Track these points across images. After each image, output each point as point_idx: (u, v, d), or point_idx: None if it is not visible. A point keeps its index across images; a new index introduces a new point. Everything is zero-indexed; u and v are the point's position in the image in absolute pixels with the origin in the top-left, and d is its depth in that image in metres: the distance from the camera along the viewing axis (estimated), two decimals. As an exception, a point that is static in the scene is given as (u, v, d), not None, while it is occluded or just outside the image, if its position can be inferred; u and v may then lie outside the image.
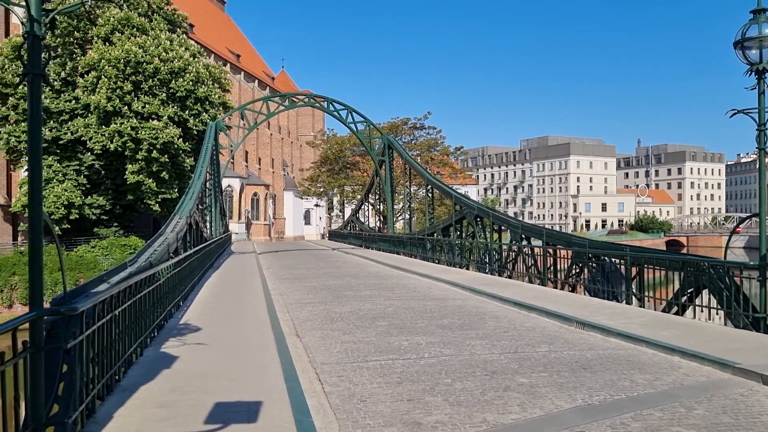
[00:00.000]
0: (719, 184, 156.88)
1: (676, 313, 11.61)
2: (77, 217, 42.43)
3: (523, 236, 18.94)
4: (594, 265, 14.28)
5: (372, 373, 7.42)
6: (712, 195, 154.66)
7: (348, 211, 69.60)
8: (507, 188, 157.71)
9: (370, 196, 47.66)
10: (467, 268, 22.76)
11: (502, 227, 21.22)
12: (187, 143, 43.62)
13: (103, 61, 40.70)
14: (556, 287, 16.24)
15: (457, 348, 8.84)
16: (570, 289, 15.53)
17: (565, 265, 15.97)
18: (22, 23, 4.56)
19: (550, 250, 16.53)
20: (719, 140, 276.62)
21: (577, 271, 15.23)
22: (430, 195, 32.74)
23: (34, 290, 4.53)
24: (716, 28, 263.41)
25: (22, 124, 41.25)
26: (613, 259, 13.78)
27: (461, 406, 6.11)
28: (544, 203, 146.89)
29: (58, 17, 41.39)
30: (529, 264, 17.80)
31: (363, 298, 14.67)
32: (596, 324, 10.22)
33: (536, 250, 17.56)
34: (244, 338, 9.46)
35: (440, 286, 17.58)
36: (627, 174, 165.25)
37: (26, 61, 4.49)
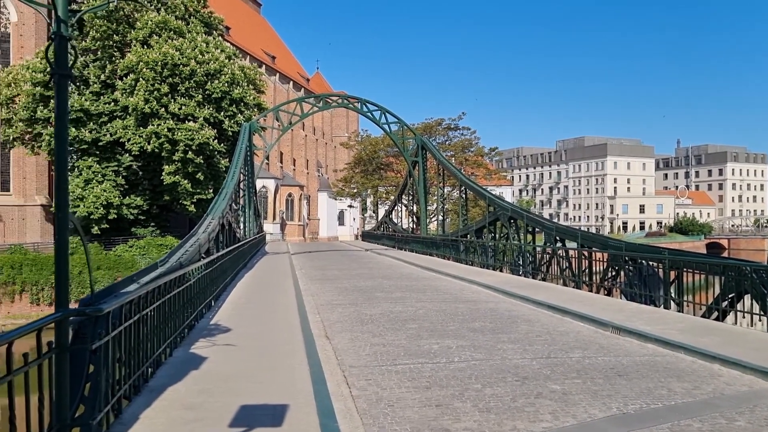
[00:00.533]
0: (762, 186, 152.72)
1: (717, 319, 11.25)
2: (116, 217, 43.23)
3: (558, 238, 18.62)
4: (631, 268, 13.94)
5: (400, 377, 7.31)
6: (754, 197, 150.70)
7: (381, 212, 69.62)
8: (542, 189, 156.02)
9: (403, 197, 47.54)
10: (500, 270, 22.49)
11: (536, 229, 20.90)
12: (222, 144, 44.11)
13: (141, 63, 41.40)
14: (591, 290, 15.91)
15: (487, 352, 8.67)
16: (606, 292, 15.19)
17: (601, 268, 15.64)
18: (49, 24, 4.57)
19: (585, 253, 16.20)
20: (762, 141, 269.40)
21: (613, 274, 14.89)
22: (463, 196, 32.48)
23: (60, 291, 4.53)
24: (758, 28, 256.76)
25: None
26: (650, 262, 13.43)
27: (491, 412, 5.96)
28: (579, 204, 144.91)
29: (98, 21, 42.38)
30: (564, 266, 17.48)
31: (394, 300, 14.56)
32: (633, 329, 9.94)
33: (571, 252, 17.23)
34: (274, 339, 9.43)
35: (473, 288, 17.38)
36: (666, 175, 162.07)
37: (53, 62, 4.49)
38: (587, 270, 16.25)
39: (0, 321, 37.83)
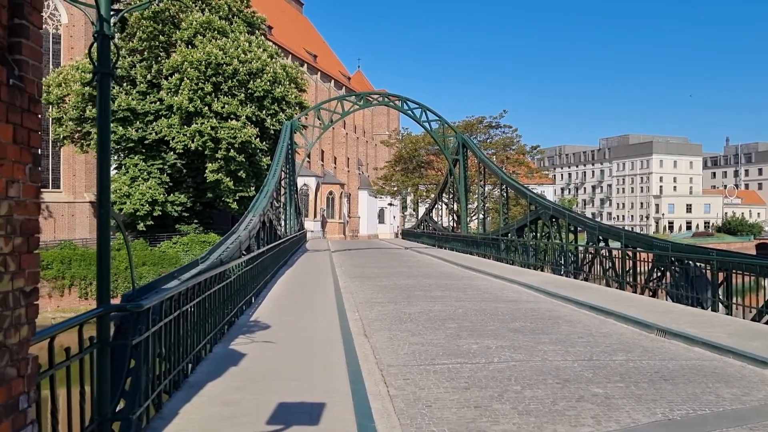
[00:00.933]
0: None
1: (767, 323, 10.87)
2: (160, 213, 44.08)
3: (601, 238, 18.25)
4: (677, 268, 13.56)
5: (439, 377, 7.24)
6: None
7: (421, 210, 69.44)
8: (585, 188, 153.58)
9: (443, 195, 47.31)
10: (542, 270, 22.18)
11: (578, 228, 20.53)
12: (264, 143, 44.60)
13: (185, 63, 42.11)
14: (635, 291, 15.56)
15: (528, 353, 8.53)
16: (650, 293, 14.83)
17: (646, 269, 15.27)
18: (92, 23, 4.64)
19: (629, 253, 15.83)
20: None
21: (659, 275, 14.52)
22: (504, 195, 32.16)
23: (101, 287, 4.59)
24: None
25: (112, 123, 43.13)
26: (698, 263, 13.04)
27: (530, 415, 5.84)
28: (623, 204, 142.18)
29: (144, 22, 43.24)
30: (607, 267, 17.12)
31: (433, 299, 14.47)
32: (679, 332, 9.66)
33: (614, 252, 16.87)
34: (313, 337, 9.45)
35: (513, 287, 17.17)
36: (714, 174, 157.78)
37: (96, 61, 4.55)
38: (631, 270, 15.89)
39: (50, 314, 38.92)
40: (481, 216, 43.22)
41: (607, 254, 17.22)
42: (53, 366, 3.70)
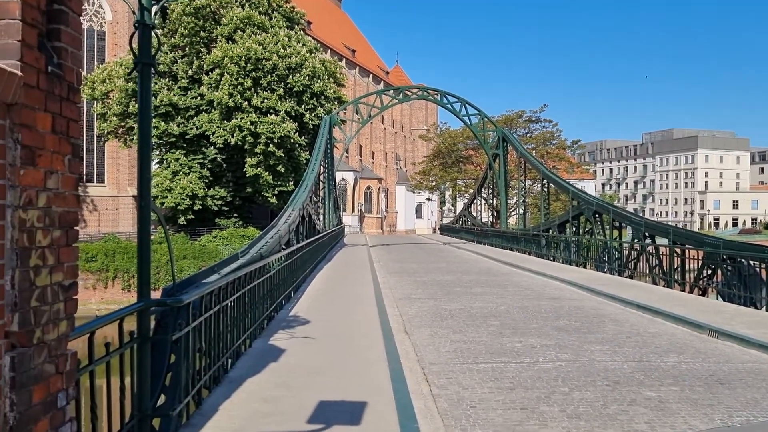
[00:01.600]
0: None
1: (828, 324, 10.34)
2: (200, 208, 44.63)
3: (646, 234, 17.73)
4: (729, 267, 13.06)
5: (483, 377, 7.03)
6: None
7: (460, 206, 68.94)
8: (626, 184, 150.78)
9: (483, 190, 46.81)
10: (584, 267, 21.71)
11: (623, 224, 20.01)
12: (302, 137, 44.77)
13: (225, 58, 42.50)
14: (683, 290, 15.06)
15: (574, 353, 8.26)
16: (700, 292, 14.34)
17: (694, 267, 14.77)
18: (133, 13, 4.56)
19: (678, 250, 15.33)
20: None
21: (709, 273, 14.02)
22: (545, 190, 31.61)
23: (142, 281, 4.52)
24: None
25: (153, 119, 43.84)
26: (751, 261, 12.53)
27: (580, 419, 5.60)
28: (667, 200, 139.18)
29: (186, 18, 43.73)
30: (653, 264, 16.62)
31: (474, 295, 14.23)
32: (733, 333, 9.26)
33: (661, 249, 16.36)
34: (352, 333, 9.33)
35: (555, 284, 16.81)
36: (762, 169, 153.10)
37: (137, 51, 4.47)
38: (679, 268, 15.39)
39: (94, 306, 39.83)
40: (520, 211, 42.66)
41: (654, 251, 16.70)
42: (93, 362, 3.62)
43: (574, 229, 23.82)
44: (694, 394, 6.39)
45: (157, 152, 48.27)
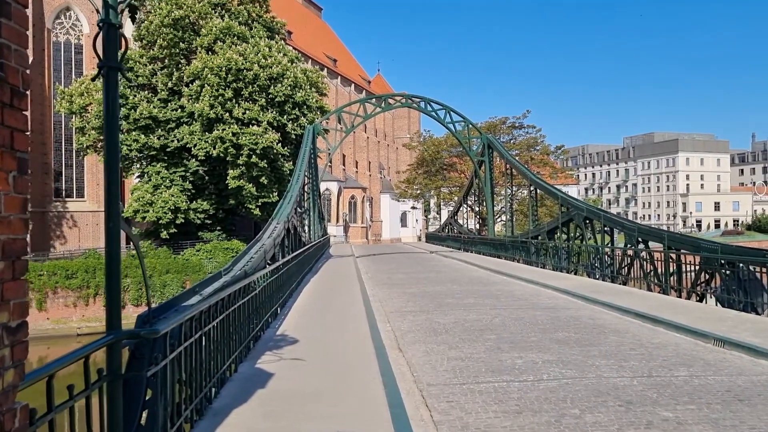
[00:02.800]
0: None
1: (834, 330, 10.02)
2: (183, 221, 43.85)
3: (640, 239, 17.41)
4: (727, 272, 12.73)
5: (486, 399, 6.58)
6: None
7: (444, 213, 68.67)
8: (609, 188, 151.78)
9: (468, 197, 46.51)
10: (575, 274, 21.39)
11: (615, 230, 19.70)
12: (285, 148, 44.19)
13: (206, 69, 41.86)
14: (679, 296, 14.74)
15: (579, 369, 7.83)
16: (697, 298, 14.01)
17: (690, 272, 14.45)
18: (96, 11, 4.08)
19: (673, 255, 15.01)
20: None
21: (707, 278, 13.69)
22: (533, 196, 31.28)
23: (111, 311, 4.02)
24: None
25: (133, 132, 43.11)
26: (751, 267, 12.21)
27: (596, 446, 5.16)
28: (649, 203, 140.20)
29: (165, 29, 43.10)
30: (648, 270, 16.28)
31: (467, 307, 13.80)
32: (740, 342, 8.89)
33: (656, 254, 16.03)
34: (344, 352, 8.85)
35: (548, 293, 16.42)
36: (742, 171, 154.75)
37: (101, 54, 3.99)
38: (675, 274, 15.06)
39: (75, 324, 39.01)
40: (503, 218, 42.39)
41: (648, 257, 16.38)
42: (53, 409, 3.12)
43: (564, 235, 23.47)
44: (713, 413, 5.98)
45: (138, 166, 47.49)
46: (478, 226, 47.58)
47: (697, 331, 9.99)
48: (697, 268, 13.86)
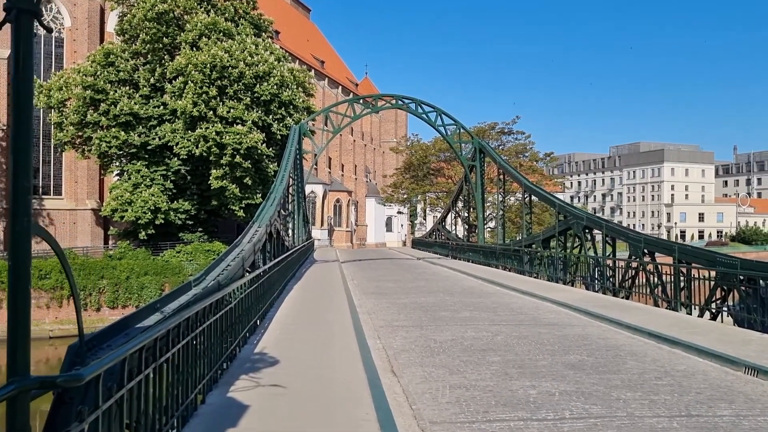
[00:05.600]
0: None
1: None
2: (163, 222, 42.47)
3: (646, 251, 16.43)
4: (747, 289, 11.75)
5: (502, 444, 5.48)
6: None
7: (430, 219, 67.68)
8: (594, 196, 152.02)
9: (457, 203, 45.48)
10: (572, 285, 20.40)
11: (616, 240, 18.74)
12: (270, 148, 42.94)
13: (189, 66, 40.55)
14: (689, 313, 13.77)
15: (604, 404, 6.74)
16: (710, 316, 13.03)
17: (702, 286, 13.47)
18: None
19: (684, 269, 14.03)
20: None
21: (723, 294, 12.71)
22: (526, 203, 30.24)
23: (15, 350, 2.87)
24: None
25: (113, 129, 41.69)
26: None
27: None
28: (634, 212, 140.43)
29: (148, 23, 41.61)
30: (655, 284, 15.30)
31: (464, 322, 12.71)
32: (779, 372, 7.87)
33: (664, 268, 15.03)
34: (330, 377, 7.72)
35: (548, 306, 15.38)
36: (726, 182, 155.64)
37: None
38: (685, 289, 14.07)
39: (48, 326, 37.45)
40: (491, 225, 41.44)
41: (655, 270, 15.39)
42: None
43: (561, 244, 22.46)
44: (782, 470, 4.93)
45: (118, 164, 46.02)
46: (465, 232, 46.61)
47: (722, 356, 8.97)
48: (712, 283, 12.86)
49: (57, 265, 38.73)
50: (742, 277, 11.95)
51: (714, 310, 12.91)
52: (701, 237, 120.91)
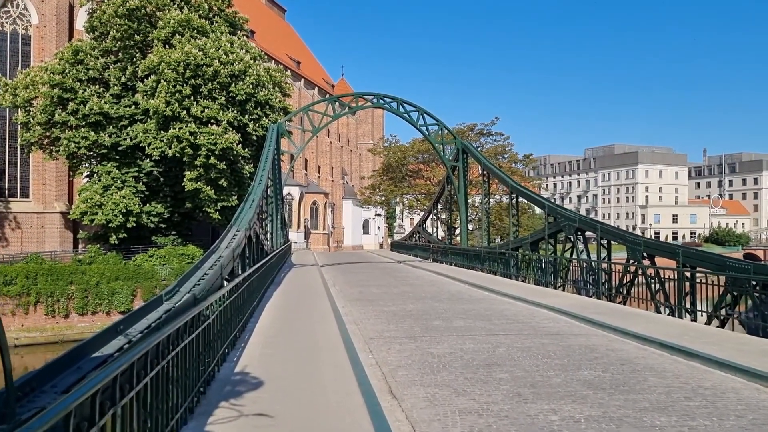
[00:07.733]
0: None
1: None
2: (135, 225, 41.04)
3: (645, 254, 15.73)
4: (761, 295, 11.06)
5: (535, 490, 4.61)
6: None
7: (408, 221, 66.84)
8: (570, 198, 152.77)
9: (439, 204, 44.68)
10: (563, 290, 19.67)
11: (611, 242, 18.05)
12: (246, 149, 41.71)
13: (162, 64, 39.17)
14: (693, 320, 13.07)
15: (640, 433, 5.91)
16: (719, 323, 12.33)
17: (708, 292, 12.80)
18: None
19: (688, 274, 13.33)
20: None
21: (732, 301, 12.02)
22: (513, 205, 29.46)
23: None
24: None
25: (82, 129, 40.19)
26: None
27: None
28: (609, 214, 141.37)
29: (119, 20, 40.18)
30: (656, 289, 14.59)
31: (459, 332, 11.84)
32: (820, 390, 7.12)
33: (667, 273, 14.32)
34: (324, 401, 6.79)
35: (544, 313, 14.59)
36: (698, 184, 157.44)
37: None
38: (688, 294, 13.37)
39: (13, 334, 35.79)
40: (484, 227, 40.67)
41: (654, 274, 14.68)
42: None
43: (552, 247, 21.74)
44: None
45: (87, 165, 44.46)
46: (444, 234, 45.86)
47: (749, 370, 8.22)
48: (722, 289, 12.17)
49: (23, 270, 37.21)
50: (755, 283, 11.25)
51: (724, 317, 12.20)
52: (675, 238, 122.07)
